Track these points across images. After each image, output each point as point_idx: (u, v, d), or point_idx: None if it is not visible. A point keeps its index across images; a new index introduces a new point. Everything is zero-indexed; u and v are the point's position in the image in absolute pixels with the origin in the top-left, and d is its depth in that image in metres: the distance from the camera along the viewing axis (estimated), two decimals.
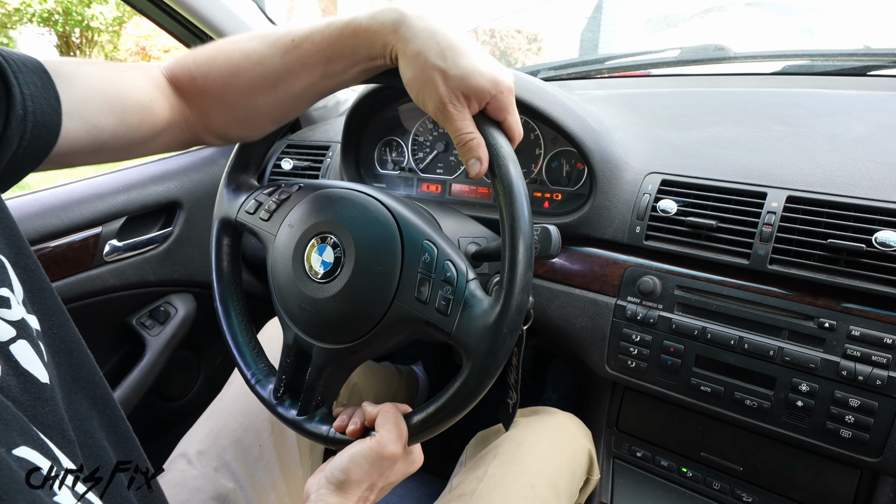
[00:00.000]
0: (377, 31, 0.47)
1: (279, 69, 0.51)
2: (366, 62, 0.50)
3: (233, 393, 0.72)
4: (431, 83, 0.46)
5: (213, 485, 0.62)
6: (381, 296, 0.50)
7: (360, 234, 0.52)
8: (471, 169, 0.47)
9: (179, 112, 0.55)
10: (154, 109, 0.52)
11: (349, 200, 0.56)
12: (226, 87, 0.53)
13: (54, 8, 10.17)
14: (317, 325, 0.54)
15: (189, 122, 0.56)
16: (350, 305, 0.51)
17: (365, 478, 0.49)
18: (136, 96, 0.51)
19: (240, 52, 0.52)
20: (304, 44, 0.50)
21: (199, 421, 0.70)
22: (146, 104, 0.51)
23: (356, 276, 0.51)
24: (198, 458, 0.65)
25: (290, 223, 0.57)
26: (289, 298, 0.56)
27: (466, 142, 0.47)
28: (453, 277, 0.49)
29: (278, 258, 0.57)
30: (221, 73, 0.53)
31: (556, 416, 0.78)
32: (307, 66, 0.51)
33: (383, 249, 0.51)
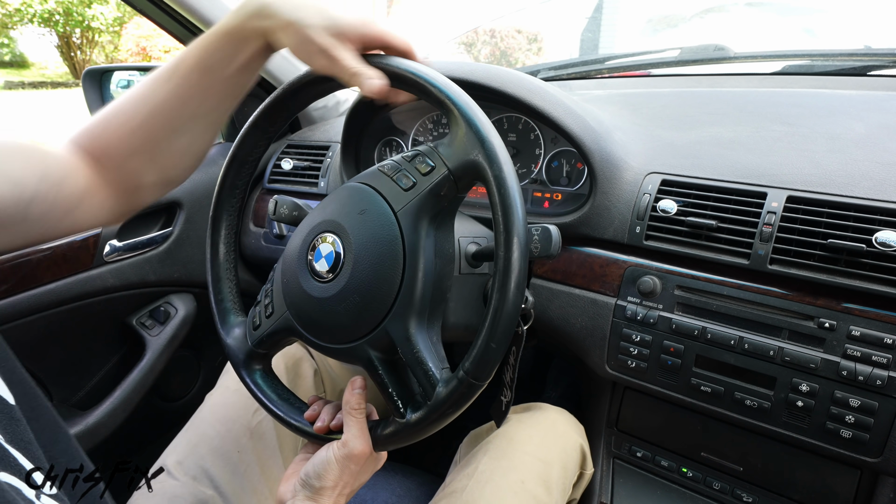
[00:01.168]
0: (245, 23, 0.51)
1: (167, 98, 0.53)
2: (245, 55, 0.52)
3: (212, 404, 0.73)
4: (310, 39, 0.49)
5: (192, 492, 0.63)
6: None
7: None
8: (369, 88, 0.49)
9: (95, 175, 0.55)
10: (72, 170, 0.52)
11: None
12: (125, 134, 0.54)
13: (55, 8, 10.19)
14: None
15: (109, 185, 0.56)
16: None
17: (337, 481, 0.50)
18: (55, 154, 0.52)
19: (130, 97, 0.54)
20: (181, 65, 0.53)
21: (179, 434, 0.70)
22: (65, 163, 0.52)
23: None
24: (176, 468, 0.65)
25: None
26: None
27: (353, 73, 0.49)
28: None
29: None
30: (118, 121, 0.54)
31: (548, 411, 0.78)
32: (189, 84, 0.53)
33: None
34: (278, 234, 1.05)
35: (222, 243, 0.65)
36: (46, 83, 11.38)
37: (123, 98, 0.55)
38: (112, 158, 0.55)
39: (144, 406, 1.03)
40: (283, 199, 0.66)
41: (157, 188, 0.60)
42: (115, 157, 0.55)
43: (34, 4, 9.97)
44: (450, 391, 0.45)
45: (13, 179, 0.46)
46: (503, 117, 0.92)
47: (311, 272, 0.53)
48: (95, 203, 0.55)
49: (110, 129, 0.54)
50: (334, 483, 0.50)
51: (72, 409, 0.99)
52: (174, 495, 0.62)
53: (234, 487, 0.65)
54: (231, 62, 0.53)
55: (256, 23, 0.51)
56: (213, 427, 0.69)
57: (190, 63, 0.52)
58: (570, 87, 1.18)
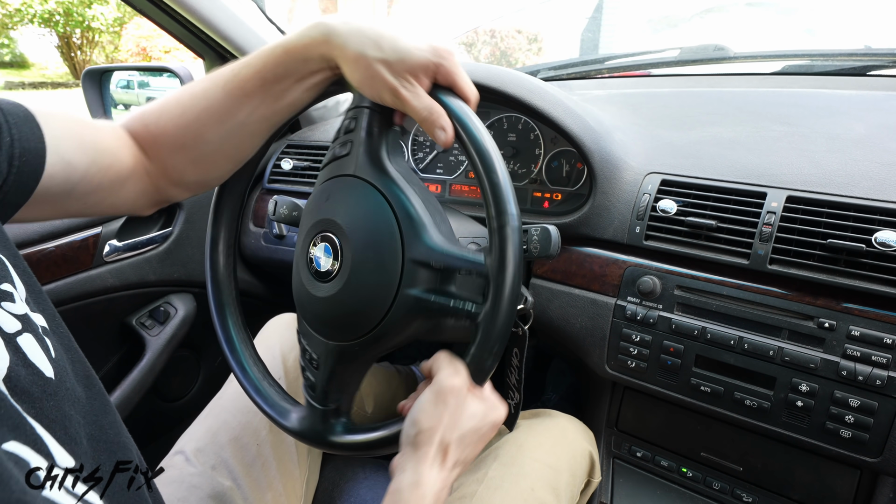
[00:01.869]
0: (308, 46, 0.50)
1: (222, 100, 0.53)
2: (308, 78, 0.52)
3: (232, 392, 0.73)
4: (379, 76, 0.48)
5: (210, 482, 0.62)
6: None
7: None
8: (437, 139, 0.48)
9: (140, 162, 0.56)
10: (120, 155, 0.53)
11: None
12: (176, 128, 0.55)
13: (55, 9, 10.19)
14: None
15: (150, 174, 0.57)
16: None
17: (435, 423, 0.44)
18: (106, 138, 0.52)
19: (186, 92, 0.55)
20: (242, 71, 0.53)
21: (198, 419, 0.70)
22: (114, 148, 0.53)
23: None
24: (195, 455, 0.65)
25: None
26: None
27: (425, 117, 0.48)
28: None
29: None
30: (171, 114, 0.55)
31: (558, 418, 0.78)
32: (248, 91, 0.53)
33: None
34: (278, 234, 1.05)
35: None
36: (47, 83, 11.39)
37: (179, 92, 0.55)
38: (159, 150, 0.56)
39: (144, 406, 1.03)
40: (282, 200, 0.66)
41: (194, 187, 0.60)
42: (163, 149, 0.56)
43: (34, 5, 9.98)
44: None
45: (66, 160, 0.47)
46: (503, 117, 0.92)
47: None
48: (136, 189, 0.56)
49: (162, 121, 0.55)
50: (430, 425, 0.44)
51: None
52: (192, 485, 0.61)
53: (250, 481, 0.65)
54: (290, 78, 0.52)
55: (322, 49, 0.50)
56: (234, 416, 0.69)
57: (251, 71, 0.52)
58: (570, 87, 1.18)
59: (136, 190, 0.56)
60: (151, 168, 0.57)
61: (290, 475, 0.69)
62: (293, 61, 0.51)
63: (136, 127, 0.55)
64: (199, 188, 0.61)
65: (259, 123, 0.56)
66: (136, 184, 0.56)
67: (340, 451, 0.55)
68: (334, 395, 0.55)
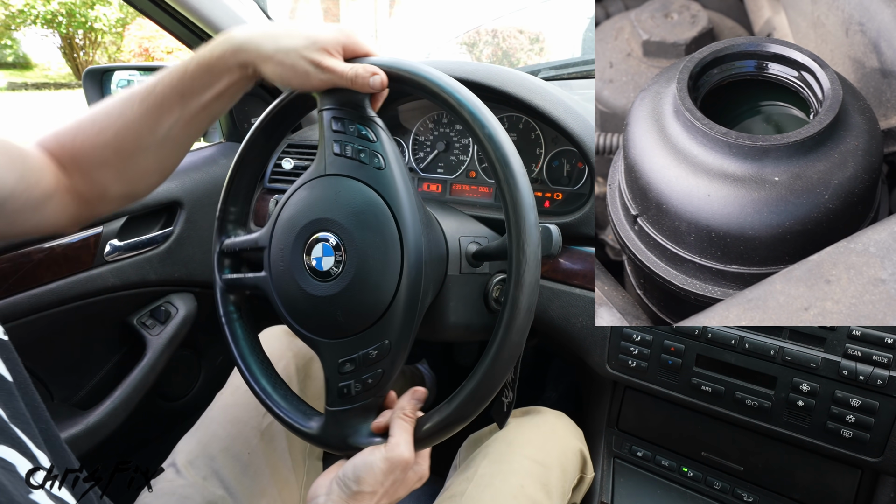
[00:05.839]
0: (223, 57, 0.52)
1: (140, 116, 0.54)
2: (226, 87, 0.54)
3: (222, 403, 0.73)
4: (299, 63, 0.51)
5: (201, 493, 0.62)
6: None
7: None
8: (374, 86, 0.52)
9: (60, 180, 0.56)
10: (44, 173, 0.53)
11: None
12: (94, 147, 0.55)
13: (58, 10, 10.21)
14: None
15: (71, 192, 0.57)
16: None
17: (378, 488, 0.48)
18: (31, 156, 0.52)
19: (101, 112, 0.55)
20: (157, 87, 0.54)
21: (188, 434, 0.70)
22: (38, 167, 0.53)
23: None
24: (186, 467, 0.65)
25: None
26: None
27: (354, 75, 0.51)
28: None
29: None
30: (87, 134, 0.55)
31: (546, 415, 0.78)
32: (164, 106, 0.54)
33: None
34: None
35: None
36: (49, 84, 11.42)
37: (96, 110, 0.56)
38: (80, 167, 0.56)
39: (145, 406, 1.03)
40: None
41: (121, 200, 0.61)
42: (83, 167, 0.56)
43: (37, 6, 10.01)
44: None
45: None
46: (503, 117, 0.92)
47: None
48: (59, 207, 0.56)
49: (79, 139, 0.55)
50: (373, 489, 0.47)
51: (72, 408, 0.99)
52: (184, 496, 0.62)
53: (243, 489, 0.65)
54: (207, 91, 0.54)
55: (238, 58, 0.52)
56: (224, 427, 0.69)
57: (166, 86, 0.54)
58: (571, 87, 1.18)
59: (58, 208, 0.56)
60: (72, 185, 0.56)
61: (286, 481, 0.69)
62: (209, 74, 0.53)
63: (52, 146, 0.55)
64: (127, 201, 0.62)
65: (181, 135, 0.57)
66: (58, 202, 0.55)
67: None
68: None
